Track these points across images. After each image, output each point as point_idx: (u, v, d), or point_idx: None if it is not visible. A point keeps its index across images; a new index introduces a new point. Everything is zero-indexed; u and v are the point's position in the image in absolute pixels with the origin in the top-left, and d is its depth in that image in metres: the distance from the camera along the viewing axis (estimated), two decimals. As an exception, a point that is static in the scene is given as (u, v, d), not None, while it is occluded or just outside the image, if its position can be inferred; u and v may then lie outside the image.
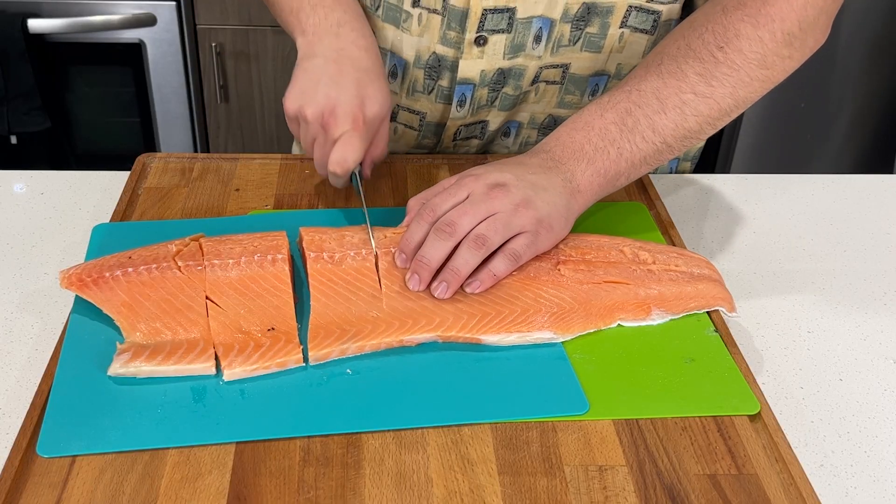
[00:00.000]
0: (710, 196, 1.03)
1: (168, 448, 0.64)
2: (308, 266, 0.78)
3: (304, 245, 0.80)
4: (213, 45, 2.05)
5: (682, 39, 0.83)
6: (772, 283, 0.89)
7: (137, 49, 2.01)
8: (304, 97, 0.83)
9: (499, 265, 0.77)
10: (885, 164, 2.23)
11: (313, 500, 0.61)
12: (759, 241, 0.95)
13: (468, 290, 0.77)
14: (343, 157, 0.81)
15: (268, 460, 0.64)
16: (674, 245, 0.89)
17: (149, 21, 1.97)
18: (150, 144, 2.16)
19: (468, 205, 0.77)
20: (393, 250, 0.80)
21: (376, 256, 0.79)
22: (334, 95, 0.82)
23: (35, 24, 1.91)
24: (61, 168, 1.94)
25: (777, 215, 1.00)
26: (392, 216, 0.87)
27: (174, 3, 1.97)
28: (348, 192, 0.95)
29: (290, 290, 0.76)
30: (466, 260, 0.76)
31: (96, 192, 0.97)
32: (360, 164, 0.85)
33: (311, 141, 0.85)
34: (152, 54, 2.02)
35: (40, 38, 1.95)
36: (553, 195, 0.80)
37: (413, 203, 0.83)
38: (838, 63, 2.09)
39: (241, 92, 2.14)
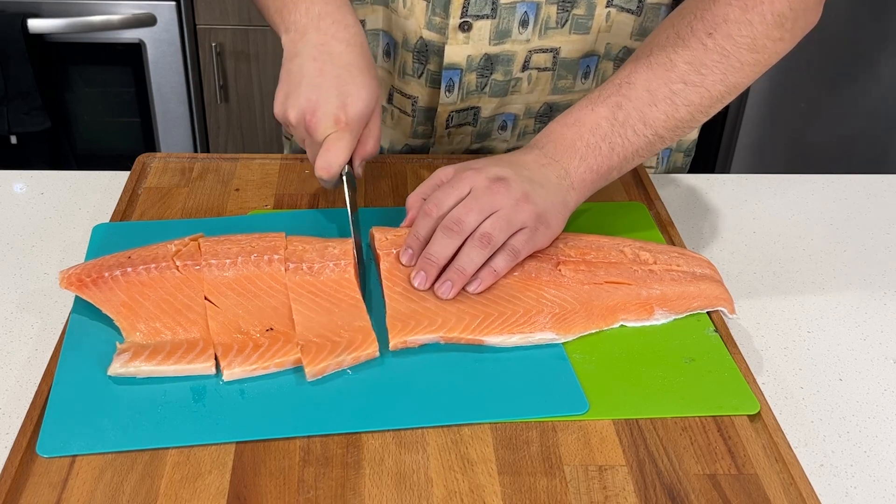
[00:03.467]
0: (710, 196, 1.03)
1: (168, 448, 0.64)
2: (287, 277, 0.78)
3: (286, 255, 0.79)
4: (213, 45, 2.05)
5: (671, 28, 0.83)
6: (772, 283, 0.89)
7: (137, 49, 2.01)
8: (287, 101, 0.81)
9: (499, 262, 0.77)
10: (885, 165, 2.23)
11: (313, 500, 0.61)
12: (759, 241, 0.95)
13: (469, 289, 0.77)
14: (327, 162, 0.80)
15: (268, 460, 0.64)
16: (673, 245, 0.89)
17: (149, 21, 1.97)
18: (150, 144, 2.16)
19: (472, 200, 0.77)
20: (395, 251, 0.80)
21: (355, 266, 0.79)
22: (314, 98, 0.80)
23: (35, 24, 1.91)
24: (61, 168, 1.94)
25: (777, 215, 1.00)
26: (392, 216, 0.87)
27: (174, 3, 1.97)
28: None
29: (286, 291, 0.76)
30: (472, 259, 0.76)
31: (96, 192, 0.97)
32: (350, 164, 0.83)
33: (302, 142, 0.85)
34: (152, 54, 2.02)
35: (40, 38, 1.95)
36: (549, 191, 0.80)
37: (412, 200, 0.83)
38: (838, 63, 2.09)
39: (241, 92, 2.14)
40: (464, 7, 0.93)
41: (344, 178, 0.83)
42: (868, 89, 2.15)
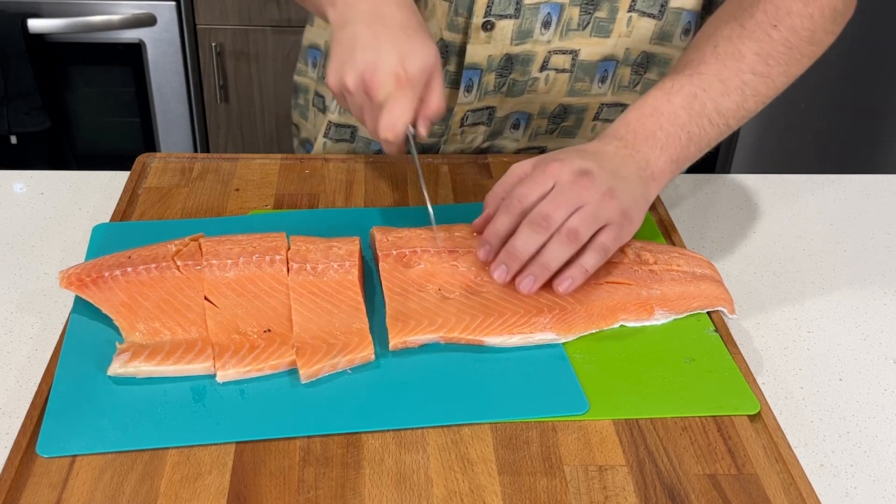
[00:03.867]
0: (710, 196, 1.03)
1: (168, 448, 0.64)
2: (289, 277, 0.78)
3: (290, 255, 0.79)
4: (213, 45, 2.05)
5: (734, 20, 0.84)
6: (772, 283, 0.89)
7: (137, 49, 2.01)
8: (342, 67, 0.78)
9: (590, 260, 0.76)
10: (884, 164, 2.23)
11: (313, 500, 0.61)
12: (759, 242, 0.95)
13: (560, 289, 0.75)
14: (391, 122, 0.76)
15: (268, 460, 0.64)
16: (674, 245, 0.89)
17: (149, 21, 1.97)
18: (150, 144, 2.16)
19: (559, 195, 0.75)
20: (395, 252, 0.80)
21: (360, 267, 0.78)
22: (371, 59, 0.77)
23: (35, 24, 1.91)
24: (61, 168, 1.94)
25: (777, 215, 1.00)
26: (392, 216, 0.87)
27: (174, 3, 1.97)
28: (347, 192, 0.95)
29: (287, 291, 0.76)
30: (558, 255, 0.75)
31: (96, 192, 0.97)
32: (413, 125, 0.79)
33: (360, 111, 0.81)
34: (152, 54, 2.02)
35: (40, 38, 1.95)
36: (632, 185, 0.78)
37: (491, 198, 0.80)
38: (839, 63, 2.09)
39: (241, 92, 2.14)
40: (487, 6, 0.93)
41: (410, 139, 0.79)
42: (867, 89, 2.15)
